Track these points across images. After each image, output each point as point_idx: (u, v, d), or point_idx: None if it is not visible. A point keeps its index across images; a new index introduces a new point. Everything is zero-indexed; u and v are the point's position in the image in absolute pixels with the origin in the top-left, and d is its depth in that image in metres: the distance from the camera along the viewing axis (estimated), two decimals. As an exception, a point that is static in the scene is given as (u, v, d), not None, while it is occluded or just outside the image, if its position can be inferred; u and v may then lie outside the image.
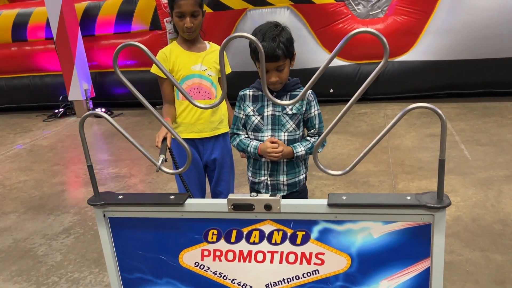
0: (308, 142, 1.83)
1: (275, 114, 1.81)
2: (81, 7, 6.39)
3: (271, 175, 1.88)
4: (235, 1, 5.59)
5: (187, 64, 2.17)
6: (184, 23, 2.10)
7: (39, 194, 3.79)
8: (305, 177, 1.96)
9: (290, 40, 1.75)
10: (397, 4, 5.30)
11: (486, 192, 3.10)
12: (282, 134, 1.81)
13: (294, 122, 1.80)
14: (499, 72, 5.15)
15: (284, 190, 1.89)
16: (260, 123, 1.84)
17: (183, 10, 2.08)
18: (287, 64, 1.76)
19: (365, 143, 4.29)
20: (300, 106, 1.80)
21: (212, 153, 2.30)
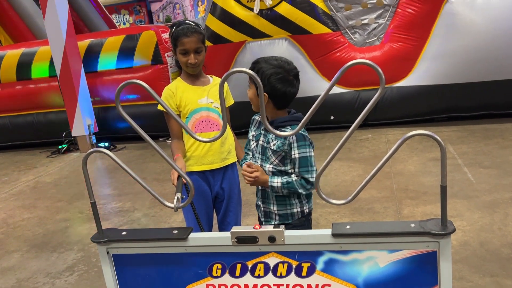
0: (289, 178, 1.82)
1: (263, 145, 1.87)
2: (84, 45, 6.54)
3: (263, 202, 1.92)
4: (234, 34, 5.71)
5: (193, 99, 2.21)
6: (188, 59, 2.14)
7: (42, 231, 3.77)
8: (302, 212, 1.92)
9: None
10: (393, 32, 5.40)
11: (492, 215, 3.07)
12: (267, 166, 1.86)
13: (277, 157, 1.82)
14: (497, 94, 5.19)
15: (276, 219, 1.90)
16: (255, 149, 1.91)
17: (187, 48, 2.13)
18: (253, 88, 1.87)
19: (368, 169, 4.28)
20: (281, 144, 1.81)
21: (222, 183, 2.31)
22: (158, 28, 6.40)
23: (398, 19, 5.34)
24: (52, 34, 5.98)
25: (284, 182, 1.81)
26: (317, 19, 5.50)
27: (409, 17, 5.27)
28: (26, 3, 8.15)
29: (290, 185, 1.81)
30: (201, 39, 2.16)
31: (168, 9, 20.86)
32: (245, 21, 5.64)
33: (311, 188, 1.84)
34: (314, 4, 5.48)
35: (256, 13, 5.55)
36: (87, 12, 8.92)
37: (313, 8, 5.48)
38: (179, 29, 2.15)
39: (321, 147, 5.18)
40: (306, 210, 1.95)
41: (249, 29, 5.67)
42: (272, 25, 5.61)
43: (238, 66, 5.76)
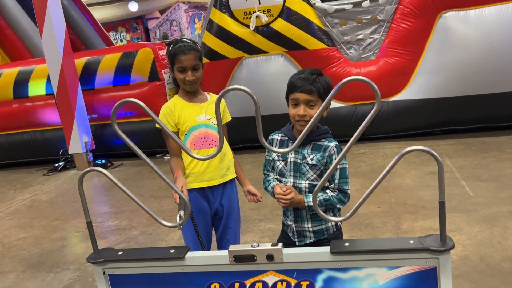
0: (325, 195, 1.79)
1: (297, 161, 1.82)
2: (81, 63, 6.56)
3: (295, 221, 1.86)
4: (230, 51, 5.76)
5: (192, 116, 2.21)
6: (186, 76, 2.16)
7: (38, 251, 3.73)
8: (336, 224, 1.90)
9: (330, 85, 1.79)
10: (388, 46, 5.45)
11: (491, 229, 3.06)
12: (303, 182, 1.81)
13: (315, 172, 1.79)
14: (493, 107, 5.22)
15: (311, 237, 1.85)
16: (284, 168, 1.85)
17: (184, 65, 2.15)
18: (319, 105, 1.76)
19: (366, 183, 4.27)
20: (321, 158, 1.78)
21: (222, 200, 2.30)
22: (155, 45, 6.44)
23: (392, 34, 5.40)
24: (49, 52, 6.01)
25: (321, 199, 1.78)
26: (313, 35, 5.55)
27: (404, 32, 5.33)
28: (24, 21, 8.21)
29: (328, 202, 1.78)
30: (198, 56, 2.18)
31: (165, 26, 21.05)
32: (241, 38, 5.69)
33: (347, 201, 1.81)
34: (310, 20, 5.54)
35: (252, 30, 5.61)
36: (84, 29, 8.99)
37: (309, 24, 5.54)
38: (176, 47, 2.17)
39: (318, 162, 5.18)
40: (339, 223, 1.93)
41: (245, 46, 5.71)
42: (268, 41, 5.65)
43: (235, 82, 5.79)
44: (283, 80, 6.85)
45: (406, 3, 5.26)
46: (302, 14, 5.53)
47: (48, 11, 5.85)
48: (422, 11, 5.21)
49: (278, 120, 6.08)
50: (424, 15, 5.23)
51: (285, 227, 1.94)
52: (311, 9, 5.54)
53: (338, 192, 1.79)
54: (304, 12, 5.53)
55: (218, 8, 5.71)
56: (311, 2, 5.53)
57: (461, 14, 5.16)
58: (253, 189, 2.35)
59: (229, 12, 5.67)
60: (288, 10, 5.53)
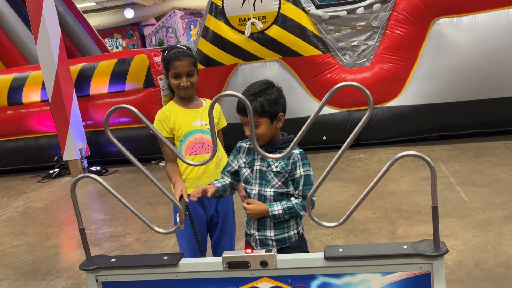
0: (290, 202, 1.80)
1: (262, 169, 1.83)
2: (76, 69, 6.55)
3: (258, 230, 1.86)
4: (225, 57, 5.77)
5: (187, 121, 2.22)
6: (180, 82, 2.17)
7: (32, 258, 3.69)
8: (298, 232, 1.90)
9: (271, 100, 1.76)
10: (382, 53, 5.49)
11: (486, 234, 3.07)
12: (268, 190, 1.82)
13: (279, 179, 1.80)
14: (487, 112, 5.25)
15: (273, 245, 1.85)
16: (250, 176, 1.85)
17: (178, 71, 2.16)
18: (264, 122, 1.77)
19: (361, 189, 4.27)
20: (285, 165, 1.79)
21: (217, 206, 2.30)
22: (150, 51, 6.45)
23: (387, 40, 5.44)
24: (44, 59, 6.00)
25: (285, 208, 1.78)
26: (308, 41, 5.58)
27: (398, 38, 5.37)
28: (19, 28, 8.20)
29: (292, 210, 1.79)
30: (193, 62, 2.19)
31: (160, 33, 21.10)
32: (236, 44, 5.71)
33: (312, 207, 1.82)
34: (304, 27, 5.57)
35: (247, 36, 5.63)
36: (79, 36, 8.98)
37: (304, 30, 5.57)
38: (171, 53, 2.18)
39: (314, 168, 5.14)
40: (301, 231, 1.93)
41: (240, 52, 5.73)
42: (263, 48, 5.68)
43: (230, 88, 5.80)
44: (278, 86, 6.82)
45: (400, 9, 5.31)
46: (297, 21, 5.56)
47: (43, 17, 5.84)
48: (416, 18, 5.25)
49: (273, 126, 6.07)
50: (418, 22, 5.27)
51: (247, 236, 1.94)
52: (306, 16, 5.57)
53: (303, 199, 1.80)
54: (299, 19, 5.56)
55: (213, 15, 5.73)
56: (306, 9, 5.56)
57: (455, 21, 5.20)
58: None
59: (224, 18, 5.69)
60: (283, 17, 5.56)
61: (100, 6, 19.24)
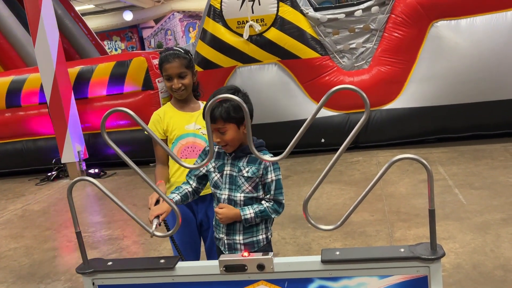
0: (261, 205, 1.80)
1: (233, 174, 1.82)
2: (74, 72, 6.55)
3: (227, 234, 1.86)
4: (224, 60, 5.77)
5: (180, 124, 2.20)
6: (172, 84, 2.16)
7: (29, 261, 3.68)
8: (267, 237, 1.90)
9: (236, 106, 1.74)
10: (380, 55, 5.49)
11: (484, 237, 3.06)
12: (239, 195, 1.81)
13: (250, 184, 1.80)
14: (485, 115, 5.26)
15: (242, 250, 1.85)
16: (219, 180, 1.85)
17: (169, 73, 2.15)
18: (231, 128, 1.75)
19: (359, 191, 4.26)
20: (256, 170, 1.79)
21: (207, 211, 2.27)
22: (149, 54, 6.45)
23: (385, 43, 5.44)
24: (43, 61, 5.99)
25: (257, 211, 1.79)
26: (306, 44, 5.58)
27: (396, 41, 5.38)
28: (17, 30, 8.19)
29: (264, 213, 1.80)
30: (185, 64, 2.16)
31: (159, 35, 21.10)
32: (235, 47, 5.71)
33: (282, 210, 1.85)
34: (303, 29, 5.57)
35: (245, 39, 5.63)
36: (78, 39, 8.98)
37: (302, 33, 5.58)
38: (163, 56, 2.19)
39: (312, 170, 5.18)
40: (269, 236, 1.93)
41: (239, 55, 5.73)
42: (261, 50, 5.68)
43: (229, 90, 5.80)
44: (277, 89, 6.92)
45: (398, 12, 5.32)
46: (295, 23, 5.57)
47: (41, 20, 5.84)
48: (414, 20, 5.26)
49: (272, 129, 6.11)
50: (416, 24, 5.28)
51: (216, 241, 1.94)
52: (304, 18, 5.58)
53: (274, 203, 1.82)
54: (297, 21, 5.57)
55: (211, 17, 5.74)
56: (304, 12, 5.57)
57: (453, 23, 5.21)
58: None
59: (223, 21, 5.70)
60: (281, 20, 5.57)
61: (99, 9, 19.25)
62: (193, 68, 2.23)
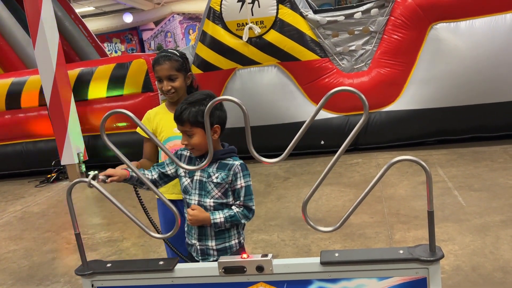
0: (231, 211, 1.80)
1: (202, 180, 1.82)
2: (74, 74, 6.56)
3: (199, 240, 1.85)
4: (223, 62, 5.78)
5: (169, 126, 2.19)
6: (162, 86, 2.16)
7: (28, 263, 3.68)
8: (240, 242, 1.90)
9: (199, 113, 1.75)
10: (380, 57, 5.50)
11: (483, 239, 3.06)
12: (208, 200, 1.81)
13: (219, 190, 1.79)
14: (485, 117, 5.27)
15: (214, 255, 1.84)
16: (189, 186, 1.85)
17: (159, 75, 2.16)
18: (198, 132, 1.76)
19: (359, 193, 4.25)
20: (225, 176, 1.79)
21: None
22: (149, 56, 6.46)
23: (384, 45, 5.45)
24: (42, 63, 6.00)
25: (227, 216, 1.78)
26: (306, 46, 5.59)
27: (395, 43, 5.39)
28: (17, 32, 8.21)
29: (233, 218, 1.79)
30: (175, 66, 2.15)
31: (159, 37, 21.13)
32: (234, 49, 5.72)
33: (252, 216, 1.83)
34: (302, 31, 5.58)
35: (245, 41, 5.64)
36: (78, 41, 9.00)
37: (301, 35, 5.58)
38: (155, 58, 2.20)
39: (312, 172, 5.18)
40: (242, 240, 1.92)
41: (238, 57, 5.74)
42: (261, 53, 5.69)
43: (228, 93, 5.81)
44: (277, 91, 6.91)
45: (398, 14, 5.33)
46: (295, 25, 5.58)
47: (42, 22, 5.85)
48: (413, 23, 5.27)
49: (271, 131, 6.11)
50: (416, 27, 5.29)
51: (188, 246, 1.93)
52: (304, 20, 5.59)
53: (244, 208, 1.81)
54: (297, 23, 5.58)
55: (211, 19, 5.75)
56: (303, 14, 5.58)
57: (452, 26, 5.22)
58: None
59: (222, 23, 5.71)
60: (280, 22, 5.58)
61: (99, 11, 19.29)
62: (186, 71, 2.21)
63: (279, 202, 4.31)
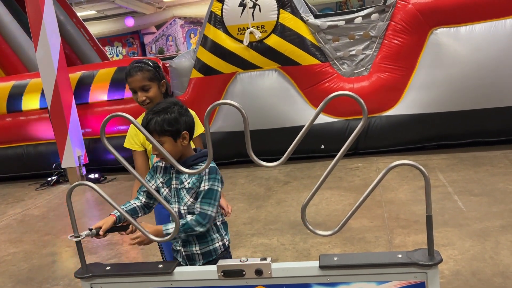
0: (184, 219, 1.76)
1: (177, 187, 1.82)
2: (76, 77, 6.58)
3: (184, 246, 1.85)
4: (224, 66, 5.80)
5: None
6: (137, 97, 2.16)
7: (28, 266, 3.68)
8: (224, 244, 1.90)
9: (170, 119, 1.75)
10: (380, 62, 5.51)
11: (483, 244, 3.06)
12: (182, 208, 1.81)
13: (191, 196, 1.79)
14: (485, 122, 5.27)
15: (200, 260, 1.85)
16: (169, 195, 1.85)
17: (132, 87, 2.17)
18: (167, 141, 1.76)
19: (359, 197, 4.23)
20: (196, 181, 1.78)
21: None
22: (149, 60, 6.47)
23: (385, 50, 5.47)
24: (44, 66, 6.02)
25: (180, 226, 1.73)
26: (306, 50, 5.61)
27: (396, 48, 5.40)
28: (19, 35, 8.24)
29: (185, 226, 1.73)
30: (148, 76, 2.15)
31: (161, 41, 21.19)
32: (235, 53, 5.74)
33: (207, 223, 1.75)
34: (303, 36, 5.60)
35: (246, 45, 5.66)
36: (79, 44, 9.02)
37: (302, 40, 5.60)
38: (127, 69, 2.18)
39: (312, 176, 5.18)
40: (226, 242, 1.92)
41: (239, 61, 5.76)
42: (262, 57, 5.70)
43: (229, 97, 5.82)
44: (277, 95, 6.90)
45: (398, 19, 5.34)
46: (296, 30, 5.60)
47: (43, 25, 5.88)
48: (413, 28, 5.29)
49: (271, 135, 6.11)
50: (416, 32, 5.31)
51: (174, 253, 1.93)
52: (304, 25, 5.61)
53: (199, 213, 1.75)
54: (298, 28, 5.60)
55: (212, 24, 5.77)
56: (304, 19, 5.60)
57: (452, 31, 5.24)
58: (223, 202, 2.34)
59: (223, 27, 5.73)
60: (281, 26, 5.60)
61: (101, 15, 19.35)
62: (159, 80, 2.20)
63: (279, 206, 4.31)
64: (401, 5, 5.31)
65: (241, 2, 5.59)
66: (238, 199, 4.67)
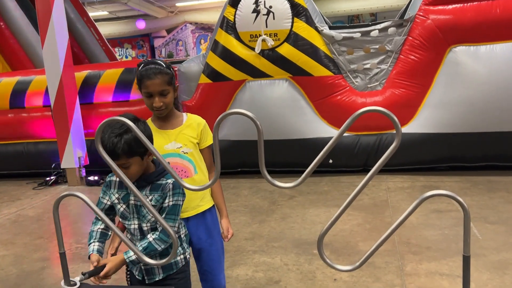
0: (145, 241, 1.68)
1: (137, 204, 1.71)
2: (81, 76, 6.45)
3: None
4: (234, 73, 5.64)
5: (160, 144, 2.01)
6: (153, 102, 1.97)
7: (16, 271, 3.49)
8: (185, 258, 1.82)
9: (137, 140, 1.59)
10: (395, 77, 5.34)
11: (502, 278, 2.85)
12: (145, 225, 1.71)
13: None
14: (501, 145, 5.07)
15: (160, 273, 1.77)
16: (126, 211, 1.73)
17: (150, 91, 1.96)
18: (135, 162, 1.65)
19: (368, 217, 4.07)
20: (159, 197, 1.68)
21: (196, 232, 2.10)
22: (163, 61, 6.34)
23: (400, 65, 5.29)
24: (50, 63, 5.89)
25: (141, 249, 1.65)
26: (319, 61, 5.44)
27: (412, 64, 5.23)
28: (28, 31, 8.16)
29: (148, 248, 1.66)
30: (167, 80, 1.97)
31: (171, 45, 21.19)
32: (246, 60, 5.58)
33: (169, 239, 1.67)
34: (316, 46, 5.44)
35: (257, 53, 5.50)
36: (88, 43, 8.94)
37: (315, 50, 5.44)
38: (142, 70, 1.98)
39: (318, 192, 4.99)
40: (188, 256, 1.84)
41: (249, 68, 5.60)
42: (273, 65, 5.54)
43: (237, 104, 5.66)
44: (286, 105, 6.72)
45: (416, 35, 5.17)
46: (309, 40, 5.44)
47: (52, 22, 5.76)
48: (431, 44, 5.12)
49: (279, 146, 5.92)
50: (434, 48, 5.13)
51: (133, 265, 1.83)
52: (319, 35, 5.45)
53: (161, 232, 1.68)
54: (311, 38, 5.44)
55: (224, 29, 5.63)
56: (319, 29, 5.44)
57: (472, 49, 5.06)
58: (225, 224, 2.17)
59: (235, 34, 5.58)
60: (295, 35, 5.44)
61: (113, 16, 19.38)
62: (174, 84, 2.03)
63: (284, 222, 4.11)
64: (420, 20, 5.14)
65: (255, 8, 5.45)
66: (240, 211, 4.47)
